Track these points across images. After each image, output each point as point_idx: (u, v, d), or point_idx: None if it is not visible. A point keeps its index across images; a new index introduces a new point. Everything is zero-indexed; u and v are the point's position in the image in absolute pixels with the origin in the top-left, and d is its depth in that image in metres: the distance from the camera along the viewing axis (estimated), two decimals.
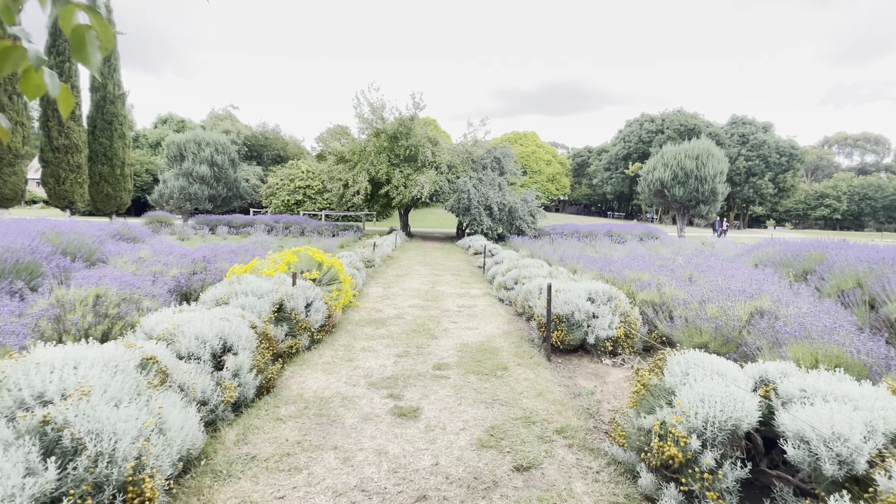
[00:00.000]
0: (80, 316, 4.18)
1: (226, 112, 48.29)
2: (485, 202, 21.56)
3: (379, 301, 7.99)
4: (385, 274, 11.24)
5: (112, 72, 22.74)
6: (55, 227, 8.47)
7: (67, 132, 20.23)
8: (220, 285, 5.58)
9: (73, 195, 20.79)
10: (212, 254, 7.93)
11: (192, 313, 4.27)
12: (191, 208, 30.15)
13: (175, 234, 20.71)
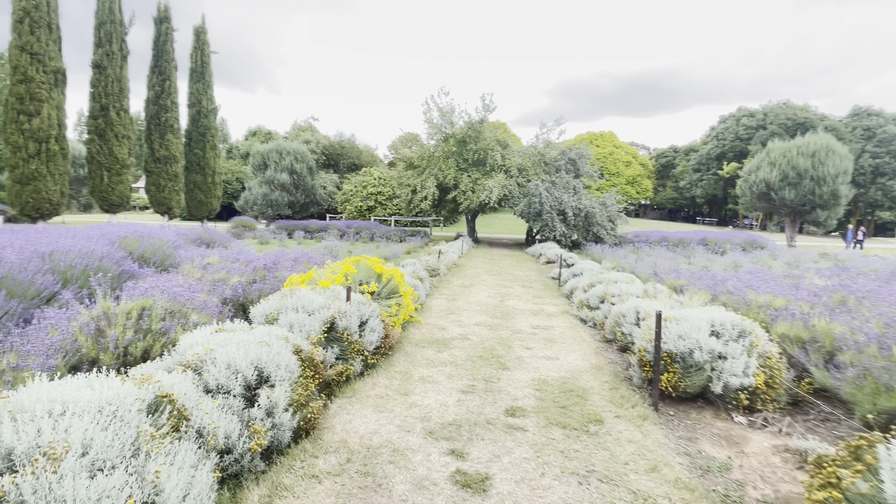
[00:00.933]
0: (118, 332, 3.84)
1: (307, 123, 51.17)
2: (558, 207, 20.12)
3: (442, 316, 7.22)
4: (450, 284, 10.48)
5: (206, 88, 24.65)
6: (136, 232, 8.78)
7: (167, 144, 22.17)
8: (272, 298, 5.14)
9: (171, 202, 22.71)
10: (274, 261, 7.69)
11: (231, 334, 3.76)
12: (272, 213, 31.97)
13: (256, 238, 21.80)
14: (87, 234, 7.85)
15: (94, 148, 19.34)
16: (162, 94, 21.87)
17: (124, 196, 20.32)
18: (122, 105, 19.78)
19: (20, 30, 15.70)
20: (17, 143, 16.08)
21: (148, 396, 2.61)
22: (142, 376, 2.81)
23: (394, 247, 16.63)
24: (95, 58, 19.09)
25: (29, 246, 5.95)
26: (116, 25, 19.50)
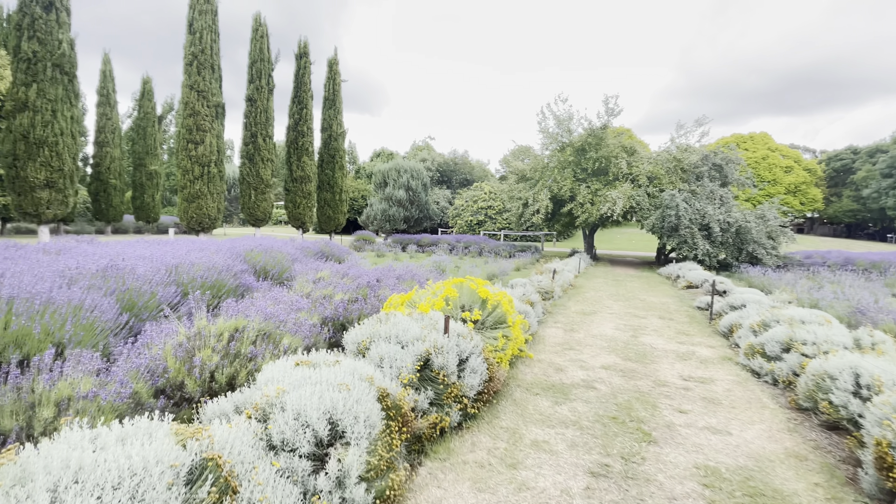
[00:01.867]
0: (203, 356, 3.58)
1: (424, 143, 53.55)
2: (700, 220, 17.14)
3: (559, 352, 6.05)
4: (566, 310, 9.16)
5: (336, 114, 26.95)
6: (262, 245, 9.31)
7: (303, 166, 24.61)
8: (367, 322, 4.61)
9: (305, 217, 25.08)
10: (379, 277, 7.35)
11: (311, 370, 3.21)
12: (390, 228, 33.60)
13: (374, 250, 22.83)
14: (220, 246, 8.47)
15: (245, 170, 22.28)
16: (300, 121, 24.45)
17: (267, 212, 22.98)
18: (267, 132, 22.53)
19: (190, 71, 18.91)
20: (186, 167, 19.22)
21: (189, 461, 2.06)
22: (193, 429, 2.31)
23: (502, 263, 15.71)
24: (248, 92, 22.14)
25: (164, 257, 6.44)
26: (265, 63, 22.38)
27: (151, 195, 31.36)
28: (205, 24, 19.40)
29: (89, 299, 4.08)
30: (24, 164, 14.54)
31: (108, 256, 6.15)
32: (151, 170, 31.14)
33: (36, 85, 14.38)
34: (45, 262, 5.61)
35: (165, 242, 9.06)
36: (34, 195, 14.76)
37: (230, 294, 6.33)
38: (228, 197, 47.23)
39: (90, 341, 3.86)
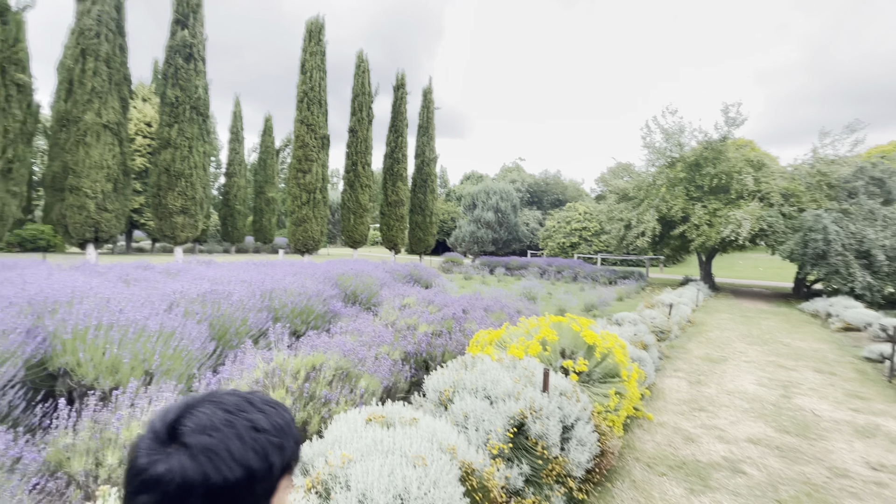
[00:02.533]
0: (278, 397, 3.29)
1: (514, 164, 53.04)
2: (856, 245, 13.98)
3: (685, 413, 4.88)
4: (687, 354, 7.71)
5: (429, 141, 27.70)
6: (353, 269, 9.37)
7: (397, 190, 25.53)
8: (451, 366, 4.05)
9: (397, 239, 25.86)
10: (465, 307, 6.81)
11: (384, 432, 2.71)
12: (478, 250, 33.31)
13: (461, 273, 22.56)
14: (316, 270, 8.65)
15: (346, 196, 23.72)
16: (395, 148, 25.56)
17: (364, 234, 24.10)
18: (366, 160, 23.85)
19: (301, 107, 20.80)
20: (295, 193, 20.94)
21: None
22: None
23: (601, 291, 14.27)
24: (350, 124, 23.74)
25: (263, 281, 6.61)
26: (366, 96, 23.88)
27: (268, 219, 35.01)
28: (314, 64, 21.29)
29: (182, 327, 4.11)
30: (165, 194, 16.96)
31: (212, 280, 6.48)
32: (269, 196, 34.85)
33: (177, 125, 16.82)
34: (160, 284, 6.03)
35: (269, 264, 9.58)
36: (171, 220, 17.11)
37: (318, 320, 6.26)
38: (332, 220, 51.13)
39: (177, 371, 3.84)
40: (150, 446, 0.65)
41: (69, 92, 14.71)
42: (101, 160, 14.88)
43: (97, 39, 14.73)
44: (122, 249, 28.22)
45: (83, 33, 14.64)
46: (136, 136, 26.32)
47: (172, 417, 0.68)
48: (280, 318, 5.76)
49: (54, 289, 4.55)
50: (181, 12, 17.01)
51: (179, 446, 0.65)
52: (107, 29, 14.95)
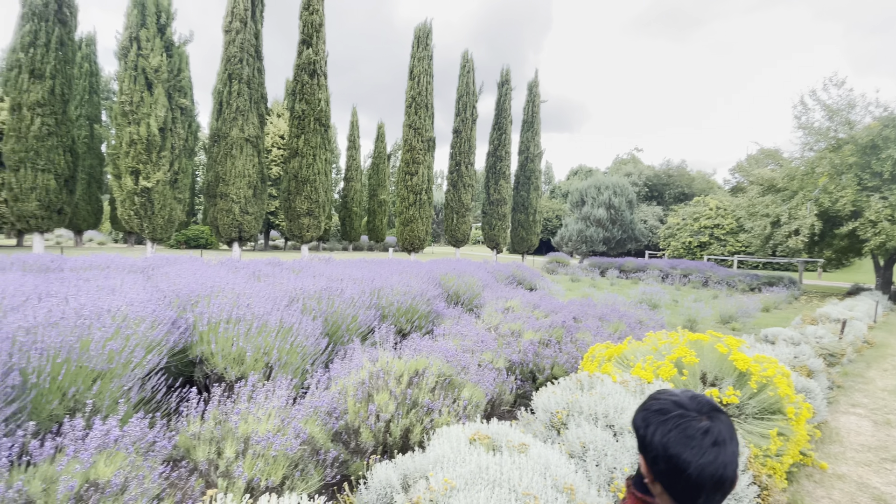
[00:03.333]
0: (379, 402, 3.21)
1: (629, 156, 48.96)
2: None
3: (871, 463, 3.75)
4: (868, 383, 6.07)
5: (534, 136, 26.82)
6: (456, 269, 9.30)
7: (499, 189, 25.21)
8: (563, 384, 3.62)
9: (499, 238, 25.54)
10: (577, 315, 6.22)
11: (489, 456, 2.42)
12: (586, 250, 31.35)
13: (568, 274, 21.38)
14: (420, 269, 8.75)
15: (449, 196, 24.11)
16: (499, 146, 25.24)
17: (466, 233, 24.27)
18: (469, 160, 23.96)
19: (409, 112, 21.64)
20: (403, 195, 21.89)
21: None
22: None
23: (741, 299, 12.19)
24: (455, 125, 24.04)
25: (372, 280, 6.82)
26: (470, 96, 23.95)
27: (380, 220, 37.36)
28: (422, 69, 21.98)
29: (299, 322, 4.31)
30: (294, 198, 18.95)
31: (329, 277, 6.86)
32: (381, 199, 37.16)
33: (303, 136, 18.68)
34: (285, 280, 6.56)
35: (379, 262, 9.99)
36: (299, 221, 19.07)
37: (422, 319, 6.24)
38: (436, 220, 52.76)
39: (293, 365, 4.02)
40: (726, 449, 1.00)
41: (220, 112, 17.23)
42: (244, 169, 17.17)
43: (240, 65, 17.01)
44: (260, 247, 32.43)
45: (230, 60, 17.03)
46: (272, 147, 30.02)
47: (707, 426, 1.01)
48: (387, 317, 5.85)
49: (199, 283, 5.16)
50: (306, 33, 18.84)
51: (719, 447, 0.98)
52: (247, 55, 17.18)
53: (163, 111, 14.74)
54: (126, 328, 3.22)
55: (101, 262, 7.50)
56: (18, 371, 2.74)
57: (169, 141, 15.02)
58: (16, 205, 15.10)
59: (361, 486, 2.67)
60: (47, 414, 2.82)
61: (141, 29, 14.67)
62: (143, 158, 14.65)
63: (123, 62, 14.76)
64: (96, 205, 25.63)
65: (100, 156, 26.08)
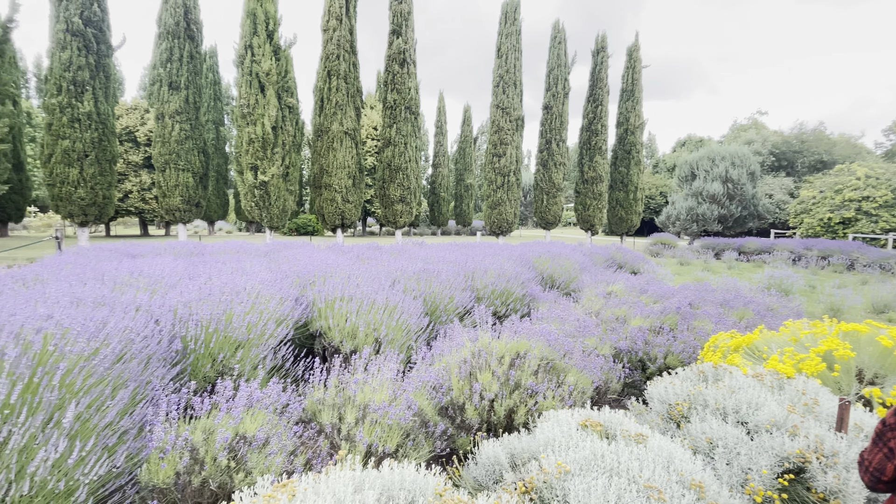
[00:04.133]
0: (483, 381, 3.24)
1: (750, 121, 42.94)
2: None
3: None
4: None
5: (634, 105, 24.67)
6: (549, 251, 9.00)
7: (594, 166, 23.75)
8: (682, 375, 3.33)
9: (594, 219, 24.18)
10: (692, 301, 5.65)
11: (602, 443, 2.31)
12: (697, 229, 28.35)
13: (675, 257, 19.59)
14: (512, 252, 8.64)
15: (539, 176, 23.34)
16: (594, 119, 23.69)
17: (557, 215, 23.38)
18: (560, 137, 22.86)
19: (496, 92, 21.22)
20: (490, 178, 21.70)
21: None
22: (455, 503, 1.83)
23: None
24: (545, 100, 23.03)
25: (465, 262, 6.89)
26: (562, 69, 22.72)
27: (467, 204, 37.63)
28: (510, 46, 21.34)
29: (402, 301, 4.51)
30: (388, 185, 19.85)
31: (424, 260, 7.08)
32: (468, 183, 37.34)
33: (395, 125, 19.38)
34: (385, 262, 6.91)
35: (469, 246, 10.06)
36: (393, 207, 19.97)
37: (517, 303, 6.16)
38: (524, 202, 51.58)
39: (399, 341, 4.22)
40: None
41: (321, 107, 18.54)
42: (344, 161, 18.37)
43: (337, 61, 18.06)
44: (359, 233, 34.69)
45: (328, 58, 18.16)
46: (367, 139, 31.67)
47: None
48: (481, 299, 5.87)
49: (314, 265, 5.65)
50: (396, 23, 19.33)
51: None
52: (343, 51, 18.16)
53: (274, 111, 16.29)
54: (259, 304, 3.63)
55: (231, 248, 8.58)
56: (180, 339, 3.25)
57: (280, 138, 16.60)
58: (164, 200, 17.93)
59: (469, 460, 2.73)
60: (202, 376, 3.31)
61: (253, 37, 16.26)
62: (259, 155, 16.39)
63: (240, 69, 16.54)
64: (223, 198, 29.44)
65: (224, 155, 29.79)
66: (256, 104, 16.28)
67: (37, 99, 38.56)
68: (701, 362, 3.72)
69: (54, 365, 2.17)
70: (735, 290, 6.62)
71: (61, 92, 14.70)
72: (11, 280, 4.40)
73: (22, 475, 1.88)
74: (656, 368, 4.33)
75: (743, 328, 4.66)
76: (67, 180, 14.99)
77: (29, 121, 28.59)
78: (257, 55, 16.24)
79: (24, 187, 21.47)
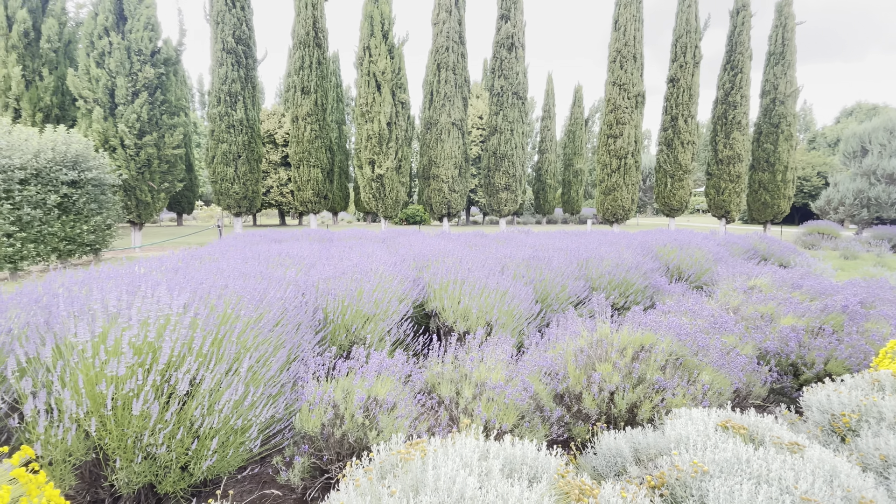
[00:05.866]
0: (603, 372, 3.10)
1: None
2: None
3: None
4: None
5: (785, 70, 20.94)
6: (677, 240, 8.18)
7: (731, 144, 20.78)
8: (851, 383, 2.82)
9: (730, 204, 21.25)
10: (863, 299, 4.69)
11: (746, 448, 2.07)
12: (868, 216, 23.26)
13: (837, 249, 16.38)
14: (630, 240, 8.05)
15: (662, 157, 21.16)
16: (731, 90, 20.63)
17: (683, 200, 21.04)
18: (689, 112, 20.38)
19: (612, 67, 19.61)
20: (605, 161, 20.28)
21: None
22: (578, 488, 1.81)
23: None
24: (671, 73, 20.69)
25: (578, 250, 6.62)
26: (692, 35, 20.16)
27: (576, 190, 35.88)
28: (629, 16, 19.61)
29: (512, 287, 4.52)
30: (493, 174, 19.84)
31: (533, 247, 6.97)
32: (577, 168, 35.54)
33: (501, 112, 19.22)
34: (493, 249, 6.97)
35: (580, 234, 9.62)
36: (497, 196, 19.94)
37: (638, 294, 5.74)
38: (643, 187, 47.40)
39: (510, 326, 4.25)
40: None
41: (430, 101, 19.17)
42: (451, 152, 18.83)
43: (446, 53, 18.45)
44: (463, 222, 35.38)
45: (437, 51, 18.64)
46: (473, 129, 31.95)
47: None
48: (597, 289, 5.59)
49: (427, 250, 5.94)
50: (504, 7, 19.04)
51: None
52: (452, 42, 18.47)
53: (388, 108, 17.33)
54: (384, 283, 3.94)
55: (354, 234, 9.42)
56: (321, 310, 3.69)
57: (394, 133, 17.63)
58: (298, 193, 20.31)
59: (589, 449, 2.66)
60: (338, 344, 3.72)
61: (370, 38, 17.40)
62: (376, 150, 17.63)
63: (359, 69, 17.86)
64: (345, 191, 32.36)
65: (345, 151, 32.64)
66: (373, 102, 17.47)
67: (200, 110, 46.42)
68: (875, 370, 3.10)
69: (232, 325, 2.63)
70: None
71: (220, 103, 17.47)
72: (191, 258, 5.41)
73: (211, 411, 2.33)
74: (813, 375, 3.70)
75: None
76: (225, 178, 17.85)
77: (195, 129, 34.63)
78: (374, 55, 17.37)
79: (193, 185, 26.19)
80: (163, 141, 12.85)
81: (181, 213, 27.01)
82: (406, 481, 1.70)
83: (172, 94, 13.10)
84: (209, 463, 2.22)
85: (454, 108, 18.78)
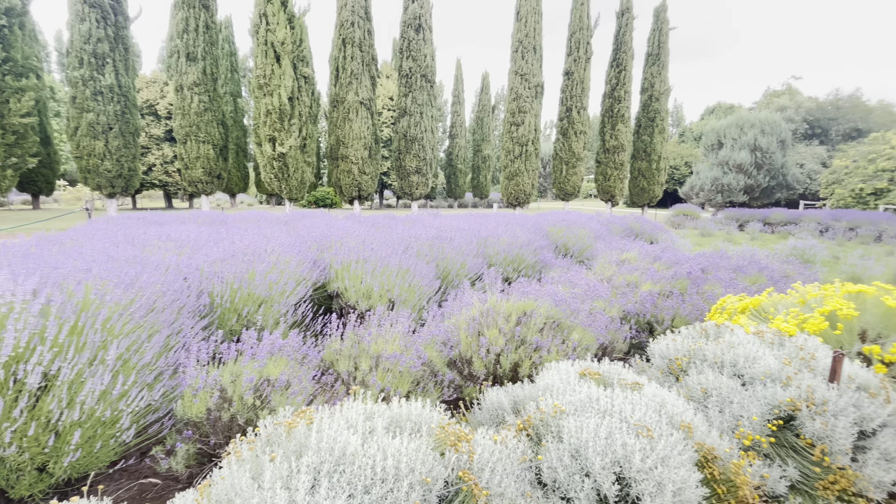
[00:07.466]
0: (489, 337, 3.40)
1: (784, 87, 40.79)
2: None
3: None
4: None
5: (660, 70, 23.68)
6: (565, 220, 8.99)
7: (616, 134, 23.12)
8: (684, 333, 3.42)
9: (615, 189, 23.75)
10: (705, 267, 5.65)
11: (599, 390, 2.45)
12: (721, 200, 27.59)
13: (697, 228, 19.23)
14: (526, 221, 8.67)
15: (558, 145, 22.89)
16: (617, 85, 22.87)
17: (576, 186, 23.04)
18: (581, 104, 22.23)
19: (515, 57, 20.62)
20: (508, 148, 21.39)
21: (442, 477, 1.76)
22: (455, 435, 2.01)
23: None
24: (566, 66, 22.30)
25: (479, 231, 6.99)
26: (584, 31, 21.86)
27: (484, 175, 37.26)
28: (530, 8, 20.58)
29: (414, 265, 4.67)
30: (404, 156, 19.83)
31: (437, 228, 7.20)
32: (485, 154, 36.85)
33: (411, 94, 19.18)
34: (399, 230, 7.06)
35: (484, 216, 10.12)
36: (409, 179, 20.02)
37: (529, 269, 6.27)
38: (543, 173, 50.71)
39: (411, 302, 4.41)
40: None
41: (337, 77, 18.43)
42: (360, 132, 18.37)
43: (352, 28, 17.79)
44: (376, 206, 34.91)
45: (342, 25, 17.90)
46: (383, 109, 31.35)
47: None
48: (493, 265, 5.99)
49: (331, 231, 5.84)
50: None
51: None
52: (358, 17, 17.85)
53: (290, 81, 16.29)
54: (279, 264, 3.83)
55: (252, 217, 8.85)
56: (207, 294, 3.48)
57: (297, 109, 16.66)
58: (186, 172, 18.35)
59: (475, 406, 2.93)
60: (228, 328, 3.56)
61: (267, 4, 16.10)
62: (277, 126, 16.53)
63: (255, 38, 16.49)
64: (244, 171, 29.89)
65: (243, 128, 30.04)
66: (272, 74, 16.29)
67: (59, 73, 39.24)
68: (704, 322, 3.80)
69: (95, 312, 2.40)
70: (751, 257, 6.56)
71: (83, 65, 14.97)
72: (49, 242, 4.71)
73: (72, 404, 2.14)
74: (663, 330, 4.42)
75: (753, 292, 4.68)
76: (94, 153, 15.47)
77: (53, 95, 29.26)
78: (272, 24, 16.13)
79: (52, 161, 22.23)
80: (7, 107, 10.71)
81: (37, 194, 22.84)
82: (289, 447, 1.76)
83: (18, 52, 10.94)
84: (72, 459, 2.04)
85: (362, 86, 18.27)
